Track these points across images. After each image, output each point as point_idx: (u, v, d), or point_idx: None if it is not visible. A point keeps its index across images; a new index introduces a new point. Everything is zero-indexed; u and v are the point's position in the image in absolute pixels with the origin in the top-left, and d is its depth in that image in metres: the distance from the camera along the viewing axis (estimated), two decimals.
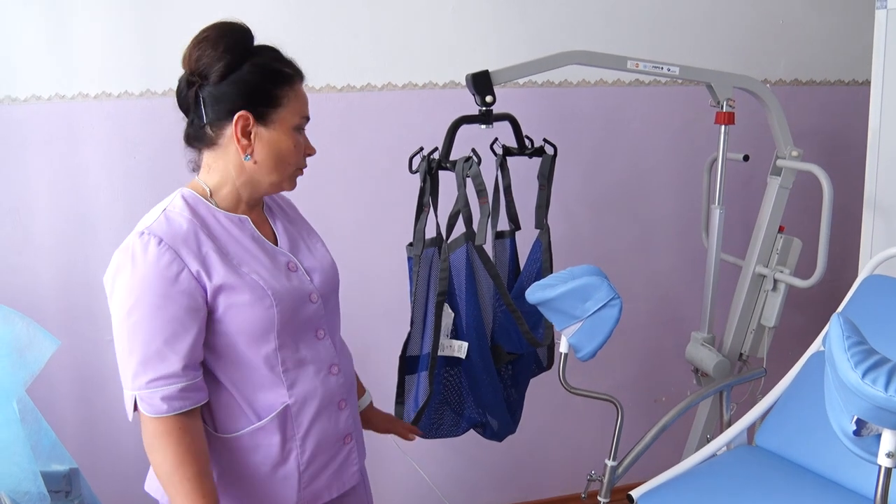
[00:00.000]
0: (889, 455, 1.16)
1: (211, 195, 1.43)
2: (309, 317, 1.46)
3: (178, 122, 2.33)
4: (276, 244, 1.48)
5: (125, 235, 2.33)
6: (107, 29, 2.26)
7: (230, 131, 1.38)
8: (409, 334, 2.12)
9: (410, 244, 2.10)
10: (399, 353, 2.11)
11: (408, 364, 2.11)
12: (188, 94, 1.40)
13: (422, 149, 2.08)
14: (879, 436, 1.17)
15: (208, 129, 1.39)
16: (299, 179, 1.50)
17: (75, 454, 1.95)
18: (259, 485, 1.43)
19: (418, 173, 2.08)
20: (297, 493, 1.45)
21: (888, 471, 1.19)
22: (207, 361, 1.39)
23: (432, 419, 2.12)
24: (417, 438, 2.18)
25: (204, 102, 1.38)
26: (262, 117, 1.38)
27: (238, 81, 1.36)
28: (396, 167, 2.20)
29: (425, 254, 2.06)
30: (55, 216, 2.33)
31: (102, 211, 2.35)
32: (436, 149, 2.06)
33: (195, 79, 1.38)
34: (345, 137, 2.45)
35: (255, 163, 1.40)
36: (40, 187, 2.31)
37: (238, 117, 1.36)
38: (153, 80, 2.32)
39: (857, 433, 1.17)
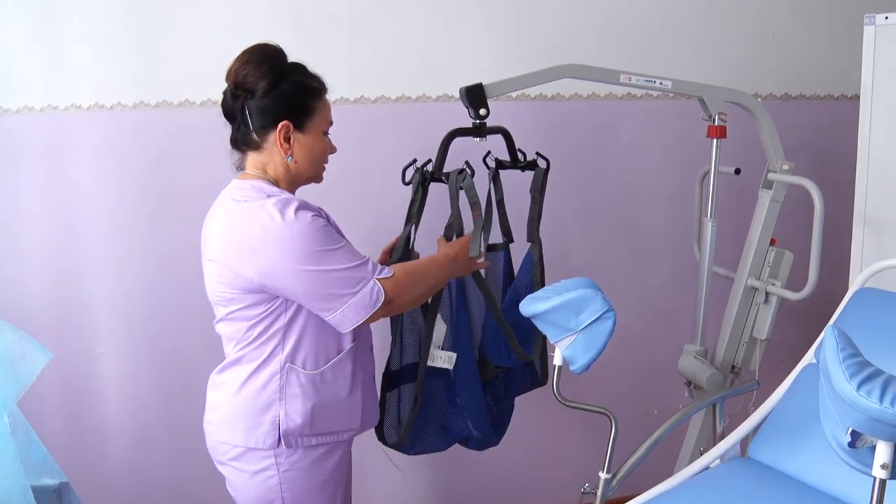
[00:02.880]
0: (883, 467, 1.16)
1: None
2: None
3: (172, 133, 2.35)
4: None
5: (118, 247, 2.35)
6: (100, 40, 2.26)
7: (273, 137, 1.69)
8: (391, 349, 2.10)
9: (389, 252, 2.08)
10: (383, 366, 2.10)
11: (388, 380, 2.10)
12: (234, 105, 1.70)
13: (415, 160, 2.08)
14: (874, 447, 1.17)
15: (254, 136, 1.70)
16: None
17: (66, 468, 1.93)
18: (340, 409, 1.78)
19: (411, 184, 2.08)
20: (361, 416, 1.83)
21: (882, 482, 1.19)
22: (309, 312, 1.70)
23: (415, 434, 2.11)
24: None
25: (250, 113, 1.68)
26: (299, 125, 1.71)
27: (280, 97, 1.67)
28: (390, 179, 2.21)
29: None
30: (47, 227, 2.32)
31: (95, 222, 2.34)
32: (429, 160, 2.06)
33: (240, 92, 1.68)
34: (338, 150, 2.45)
35: (296, 162, 1.73)
36: (32, 198, 2.30)
37: (281, 126, 1.68)
38: (146, 92, 2.32)
39: (851, 445, 1.18)
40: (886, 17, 2.29)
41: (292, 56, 1.75)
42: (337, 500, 1.84)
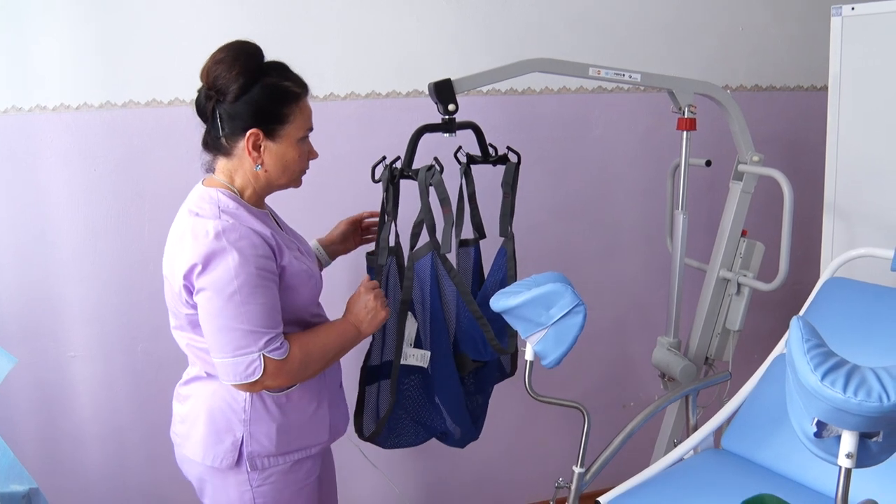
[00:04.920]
0: (849, 456, 1.17)
1: (240, 196, 1.65)
2: (319, 290, 1.77)
3: (140, 133, 2.32)
4: None
5: (86, 250, 2.32)
6: (65, 39, 2.23)
7: (243, 144, 1.60)
8: (371, 345, 2.11)
9: (371, 253, 2.09)
10: (359, 363, 2.10)
11: (368, 374, 2.10)
12: (206, 106, 1.60)
13: (384, 158, 2.07)
14: (839, 437, 1.18)
15: (224, 141, 1.61)
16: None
17: (35, 473, 1.90)
18: (306, 426, 1.73)
19: (381, 182, 2.07)
20: (328, 429, 1.78)
21: (848, 471, 1.20)
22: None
23: (392, 429, 2.11)
24: (387, 450, 2.17)
25: (220, 117, 1.59)
26: (270, 133, 1.60)
27: (250, 102, 1.57)
28: (359, 176, 2.20)
29: (389, 263, 2.05)
30: (14, 231, 2.29)
31: (63, 225, 2.31)
32: (398, 158, 2.05)
33: (212, 94, 1.58)
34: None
35: (266, 171, 1.63)
36: None
37: (250, 134, 1.58)
38: (113, 92, 2.29)
39: (817, 435, 1.18)
40: (853, 8, 2.30)
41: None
42: (314, 502, 1.82)
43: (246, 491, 1.70)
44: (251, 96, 1.57)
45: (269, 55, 1.70)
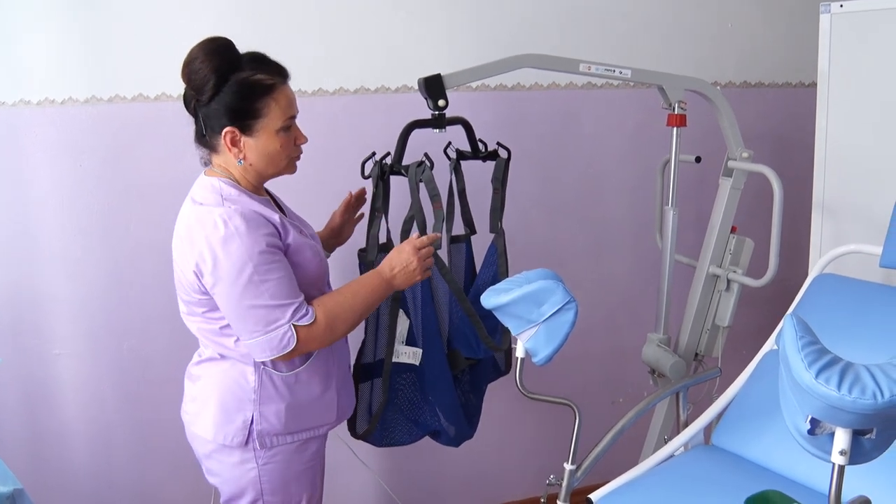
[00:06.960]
0: (842, 453, 1.17)
1: (239, 184, 1.69)
2: (326, 269, 1.81)
3: (126, 128, 2.30)
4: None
5: (72, 246, 2.30)
6: (49, 31, 2.20)
7: (223, 142, 1.63)
8: (364, 342, 2.09)
9: (362, 250, 2.07)
10: (353, 361, 2.08)
11: (361, 372, 2.09)
12: (190, 105, 1.66)
13: (374, 153, 2.06)
14: (832, 434, 1.18)
15: (207, 139, 1.67)
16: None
17: (20, 473, 1.88)
18: (315, 406, 1.78)
19: (371, 178, 2.05)
20: (336, 411, 1.83)
21: (841, 468, 1.20)
22: None
23: (385, 427, 2.10)
24: (378, 448, 2.15)
25: (201, 118, 1.64)
26: (246, 129, 1.63)
27: (222, 102, 1.60)
28: (349, 172, 2.18)
29: (378, 259, 2.04)
30: None
31: (48, 221, 2.28)
32: (388, 153, 2.04)
33: (192, 93, 1.63)
34: None
35: (251, 164, 1.67)
36: None
37: (225, 133, 1.62)
38: (99, 87, 2.26)
39: (811, 432, 1.18)
40: (842, 6, 2.31)
41: (248, 48, 1.68)
42: (316, 485, 1.87)
43: (252, 468, 1.74)
44: (223, 96, 1.60)
45: (257, 49, 1.69)
